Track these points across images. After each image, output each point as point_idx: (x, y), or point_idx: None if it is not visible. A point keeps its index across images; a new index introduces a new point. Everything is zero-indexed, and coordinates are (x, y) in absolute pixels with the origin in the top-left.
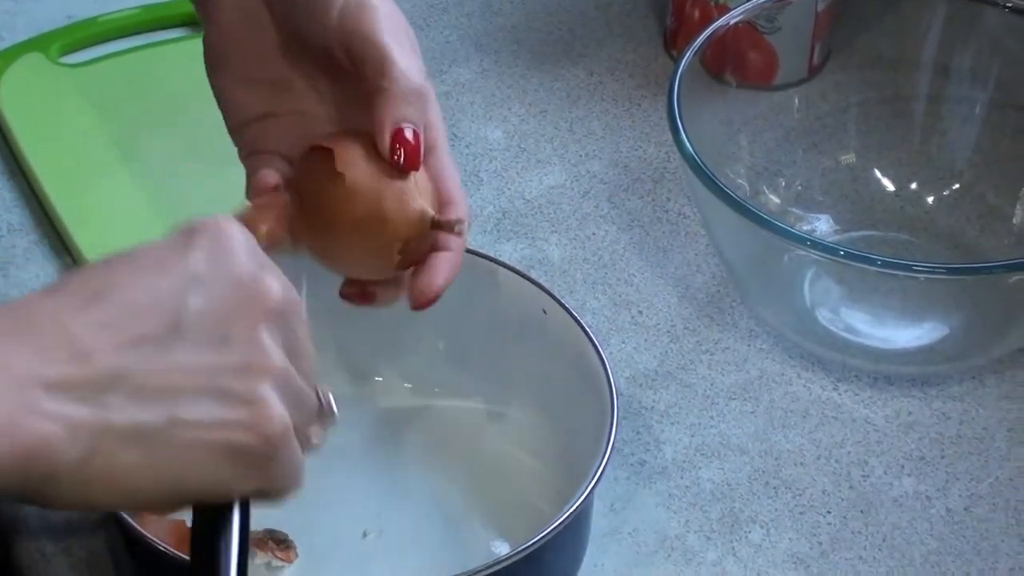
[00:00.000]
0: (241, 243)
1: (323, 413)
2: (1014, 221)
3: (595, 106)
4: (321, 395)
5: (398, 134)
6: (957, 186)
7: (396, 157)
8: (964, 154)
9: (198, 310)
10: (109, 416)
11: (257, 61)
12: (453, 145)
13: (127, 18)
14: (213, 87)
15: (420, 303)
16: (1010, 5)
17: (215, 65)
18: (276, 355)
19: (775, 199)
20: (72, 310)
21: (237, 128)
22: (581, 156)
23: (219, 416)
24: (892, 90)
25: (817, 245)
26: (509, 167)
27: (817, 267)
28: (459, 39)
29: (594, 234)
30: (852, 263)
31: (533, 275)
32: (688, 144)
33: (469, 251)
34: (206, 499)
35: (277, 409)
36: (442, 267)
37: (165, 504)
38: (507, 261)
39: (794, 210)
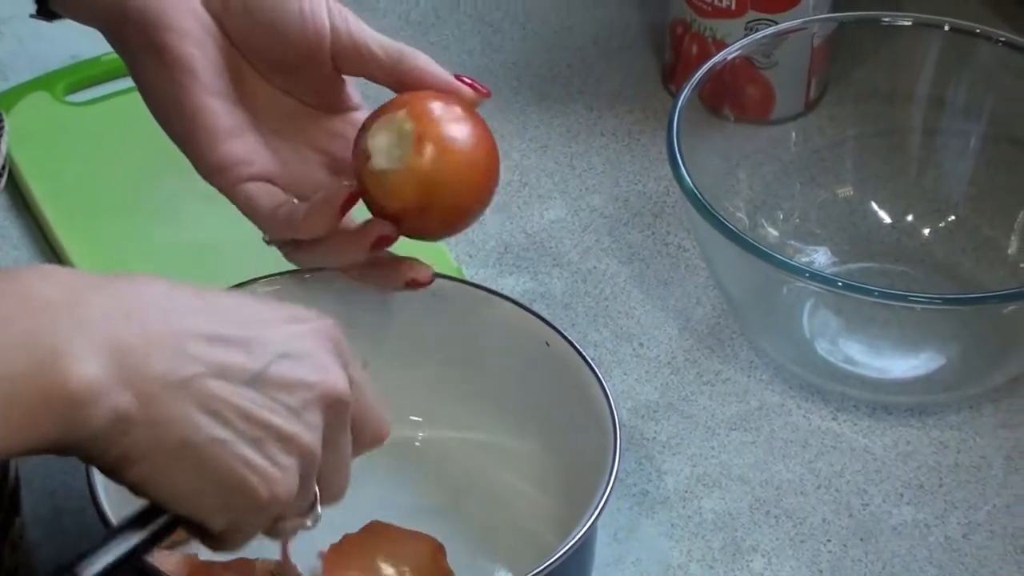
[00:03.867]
0: (337, 337)
1: (310, 513)
2: (1009, 252)
3: (595, 141)
4: (317, 496)
5: (460, 78)
6: (953, 218)
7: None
8: (959, 187)
9: (284, 374)
10: (170, 412)
11: (222, 75)
12: None
13: None
14: (180, 114)
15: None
16: (1003, 39)
17: (181, 87)
18: (319, 441)
19: (774, 232)
20: (181, 310)
21: (212, 157)
22: (581, 191)
23: (249, 457)
24: (888, 124)
25: (815, 276)
26: (511, 202)
27: (816, 298)
28: None
29: (595, 267)
30: (850, 294)
31: (536, 308)
32: (688, 178)
33: (472, 284)
34: (186, 513)
35: (292, 481)
36: None
37: (157, 502)
38: (510, 294)
39: (792, 243)
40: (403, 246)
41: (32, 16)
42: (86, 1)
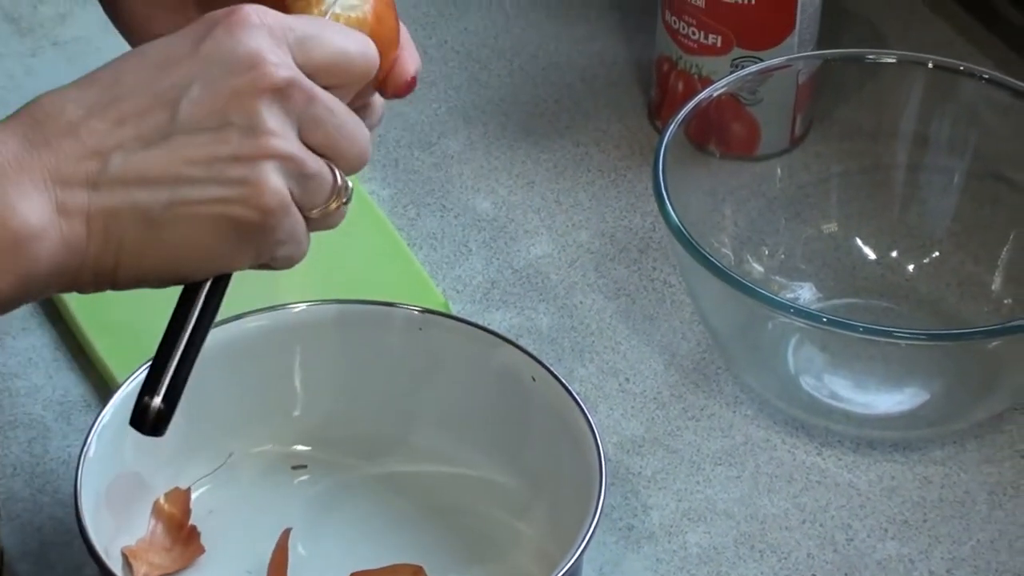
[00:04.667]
0: (252, 25)
1: (338, 188)
2: (993, 288)
3: (581, 177)
4: (336, 171)
5: None
6: (937, 254)
7: None
8: (943, 222)
9: (195, 101)
10: (114, 203)
11: None
12: (443, 216)
13: None
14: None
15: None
16: (987, 76)
17: None
18: (278, 137)
19: (759, 268)
20: (85, 110)
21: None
22: (568, 226)
23: (216, 195)
24: (872, 160)
25: (800, 312)
26: (497, 237)
27: (800, 334)
28: (448, 112)
29: (581, 303)
30: (835, 330)
31: (522, 343)
32: (673, 214)
33: (459, 319)
34: (212, 274)
35: (272, 184)
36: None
37: (179, 280)
38: (496, 329)
39: (777, 278)
40: (387, 285)
41: None
42: None
